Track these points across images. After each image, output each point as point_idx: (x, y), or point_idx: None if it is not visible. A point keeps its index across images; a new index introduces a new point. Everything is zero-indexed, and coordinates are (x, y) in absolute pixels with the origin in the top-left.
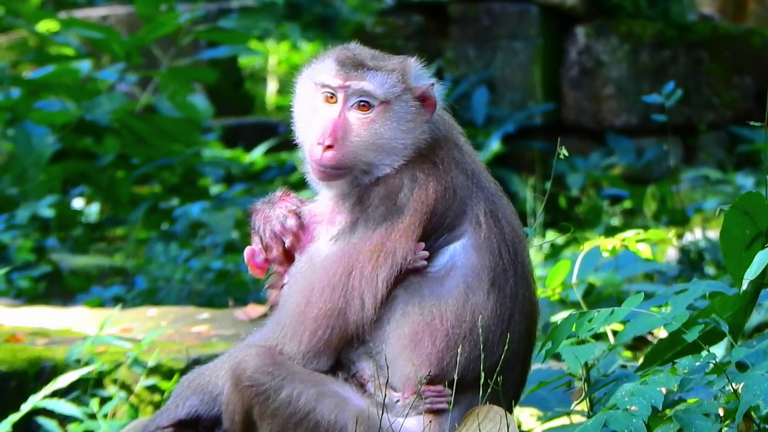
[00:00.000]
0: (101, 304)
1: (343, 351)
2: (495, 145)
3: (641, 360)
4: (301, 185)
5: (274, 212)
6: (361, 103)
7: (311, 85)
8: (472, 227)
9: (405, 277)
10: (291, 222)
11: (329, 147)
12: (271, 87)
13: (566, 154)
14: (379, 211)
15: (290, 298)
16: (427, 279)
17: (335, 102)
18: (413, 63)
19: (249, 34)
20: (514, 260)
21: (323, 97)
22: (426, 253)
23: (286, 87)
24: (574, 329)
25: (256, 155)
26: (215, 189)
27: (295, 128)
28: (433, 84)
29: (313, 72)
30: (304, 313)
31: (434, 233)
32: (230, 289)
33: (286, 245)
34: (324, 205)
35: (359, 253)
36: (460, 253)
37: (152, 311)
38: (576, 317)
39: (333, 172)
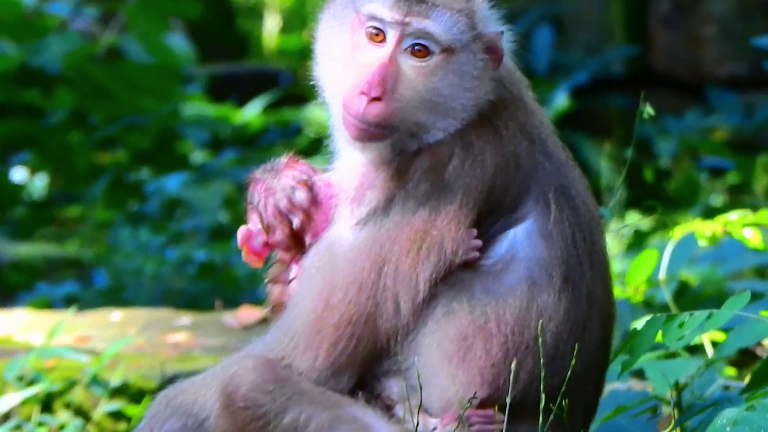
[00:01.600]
0: (50, 305)
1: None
2: (561, 101)
3: (748, 379)
4: (310, 152)
5: (279, 183)
6: (418, 47)
7: (351, 16)
8: (538, 208)
9: (451, 273)
10: (301, 195)
11: (375, 99)
12: (271, 24)
13: (653, 112)
14: (423, 187)
15: (303, 299)
16: (479, 274)
17: (383, 41)
18: (482, 3)
19: None
20: (591, 250)
21: (368, 34)
22: (479, 242)
23: (291, 25)
24: (659, 338)
25: (252, 113)
26: (198, 157)
27: (320, 70)
28: (503, 32)
29: None
30: (321, 319)
31: (491, 216)
32: (217, 286)
33: (294, 226)
34: (349, 177)
35: (394, 242)
36: (522, 240)
37: (116, 315)
38: (662, 321)
39: (376, 132)
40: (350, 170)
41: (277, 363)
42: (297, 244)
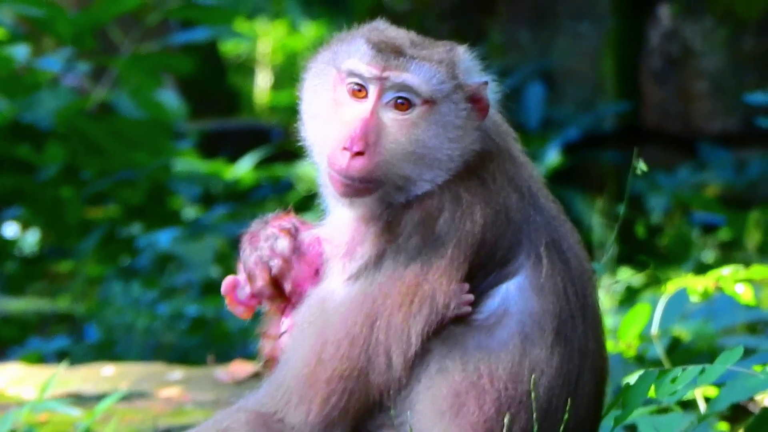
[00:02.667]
0: (42, 359)
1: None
2: (553, 157)
3: None
4: (302, 208)
5: (263, 232)
6: (399, 101)
7: (333, 73)
8: (530, 262)
9: (443, 327)
10: (282, 243)
11: (359, 154)
12: (262, 80)
13: (645, 168)
14: (413, 241)
15: (296, 353)
16: (472, 328)
17: (365, 97)
18: (463, 54)
19: (234, 11)
20: (583, 304)
21: (349, 90)
22: (471, 297)
23: (282, 80)
24: (652, 393)
25: (243, 169)
26: (190, 212)
27: (305, 128)
28: (487, 82)
29: (336, 56)
30: (314, 374)
31: (482, 269)
32: (209, 341)
33: (272, 272)
34: (339, 232)
35: (386, 297)
36: (515, 295)
37: (108, 369)
38: (655, 376)
39: (361, 186)
40: (340, 225)
41: (269, 417)
42: (279, 293)
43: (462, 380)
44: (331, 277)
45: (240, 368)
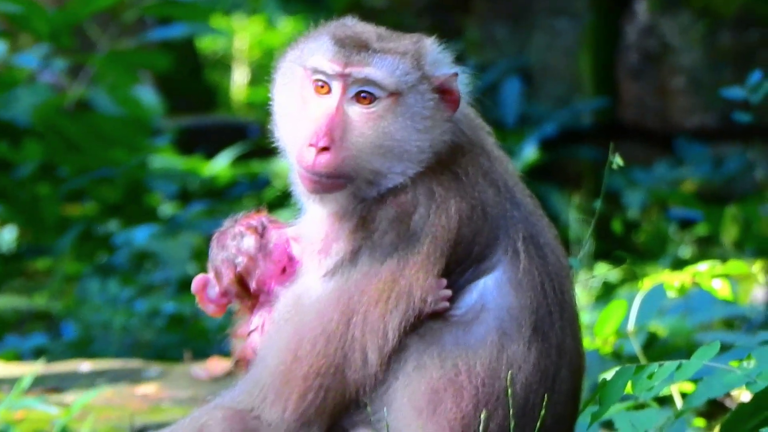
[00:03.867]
0: (19, 356)
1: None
2: (530, 153)
3: (717, 430)
4: (279, 205)
5: (231, 231)
6: (363, 95)
7: (299, 71)
8: (507, 257)
9: (421, 323)
10: (248, 241)
11: (324, 149)
12: (239, 77)
13: (622, 163)
14: (389, 237)
15: (272, 350)
16: (449, 324)
17: (329, 93)
18: (431, 45)
19: (211, 8)
20: (560, 300)
21: (314, 87)
22: (448, 292)
23: (259, 77)
24: (629, 389)
25: (220, 165)
26: (167, 209)
27: (277, 127)
28: (456, 73)
29: (302, 54)
30: (290, 371)
31: (459, 265)
32: (186, 338)
33: (237, 270)
34: (314, 229)
35: (363, 293)
36: (492, 290)
37: (86, 366)
38: (632, 372)
39: (329, 182)
40: (315, 222)
41: (246, 414)
42: (246, 291)
43: (439, 377)
44: (306, 274)
45: (217, 365)
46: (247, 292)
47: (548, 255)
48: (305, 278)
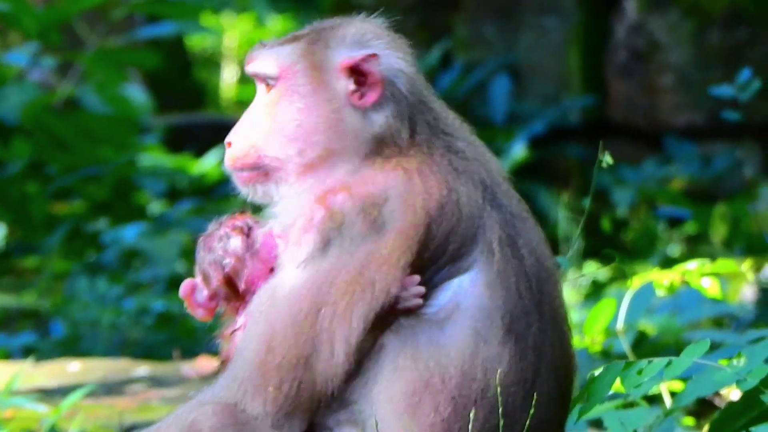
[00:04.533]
0: (7, 355)
1: (319, 414)
2: (519, 151)
3: (706, 429)
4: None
5: (217, 233)
6: (261, 86)
7: None
8: (483, 257)
9: (395, 320)
10: (235, 242)
11: (230, 145)
12: (228, 75)
13: (611, 161)
14: (356, 229)
15: (248, 343)
16: (422, 322)
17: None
18: (348, 27)
19: (199, 6)
20: (538, 300)
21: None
22: (421, 289)
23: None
24: (618, 387)
25: (209, 163)
26: (155, 207)
27: None
28: (373, 55)
29: None
30: (265, 363)
31: (434, 263)
32: (175, 336)
33: (225, 272)
34: (287, 222)
35: (332, 284)
36: (467, 289)
37: (74, 365)
38: (620, 368)
39: (246, 175)
40: (286, 216)
41: (235, 408)
42: (234, 292)
43: (415, 380)
44: (282, 266)
45: (206, 364)
46: (236, 294)
47: (526, 256)
48: (280, 272)
